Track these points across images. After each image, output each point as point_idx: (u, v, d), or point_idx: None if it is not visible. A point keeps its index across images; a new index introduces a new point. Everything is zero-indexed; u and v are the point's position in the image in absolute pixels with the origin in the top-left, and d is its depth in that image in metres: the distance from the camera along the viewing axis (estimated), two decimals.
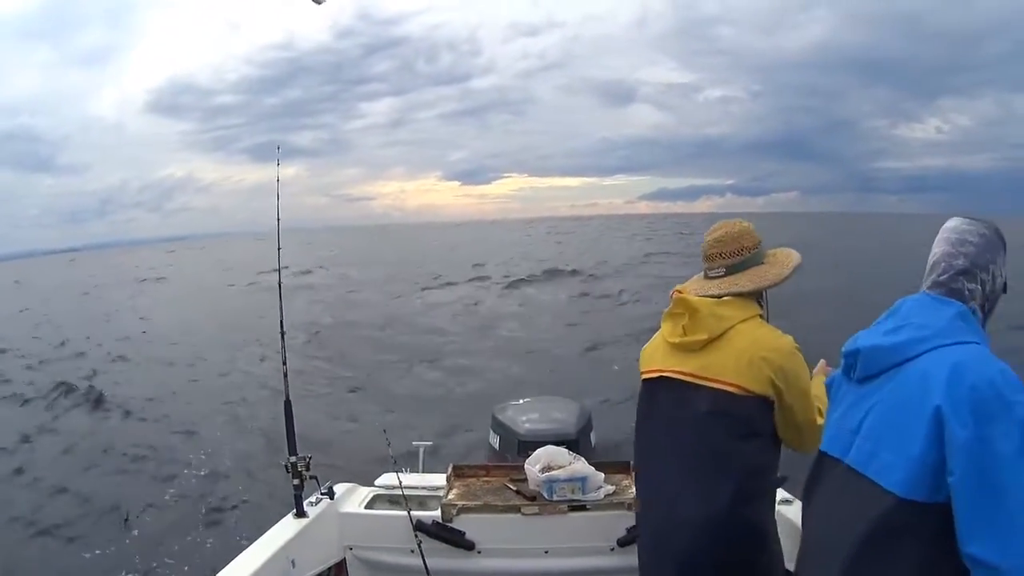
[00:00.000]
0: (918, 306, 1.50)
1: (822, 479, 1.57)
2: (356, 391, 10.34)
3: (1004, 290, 1.54)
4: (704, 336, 1.95)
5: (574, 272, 25.50)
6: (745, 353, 1.89)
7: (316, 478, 2.77)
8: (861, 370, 1.51)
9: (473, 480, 2.97)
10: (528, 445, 3.22)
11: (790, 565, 1.84)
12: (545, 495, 2.67)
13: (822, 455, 1.57)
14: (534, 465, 2.74)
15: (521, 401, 3.86)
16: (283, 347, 2.83)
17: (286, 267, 3.05)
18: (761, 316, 2.02)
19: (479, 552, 2.69)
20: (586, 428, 3.52)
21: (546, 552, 2.69)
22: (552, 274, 25.25)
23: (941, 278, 1.50)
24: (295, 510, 2.70)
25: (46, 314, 22.34)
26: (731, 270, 2.03)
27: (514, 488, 2.82)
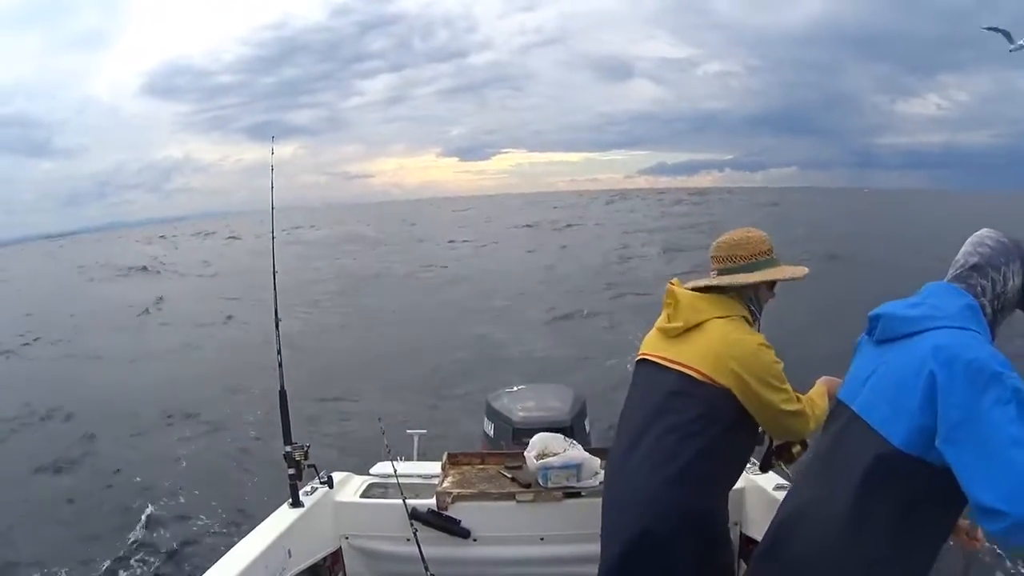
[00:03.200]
0: (937, 290, 1.72)
1: (832, 421, 1.82)
2: (352, 380, 10.32)
3: (1021, 303, 1.72)
4: (680, 324, 2.12)
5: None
6: (713, 344, 2.03)
7: (315, 467, 2.77)
8: (880, 333, 1.74)
9: (468, 468, 2.98)
10: (522, 432, 3.23)
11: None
12: (540, 482, 2.69)
13: (838, 402, 1.81)
14: (531, 452, 2.76)
15: (515, 388, 3.86)
16: (277, 336, 2.81)
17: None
18: (745, 318, 2.13)
19: (475, 540, 2.71)
20: (580, 414, 3.53)
21: (542, 539, 2.71)
22: None
23: (958, 272, 1.72)
24: (291, 500, 2.71)
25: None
26: (723, 273, 2.17)
27: (509, 475, 2.84)
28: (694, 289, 2.18)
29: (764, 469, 2.43)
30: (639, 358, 2.25)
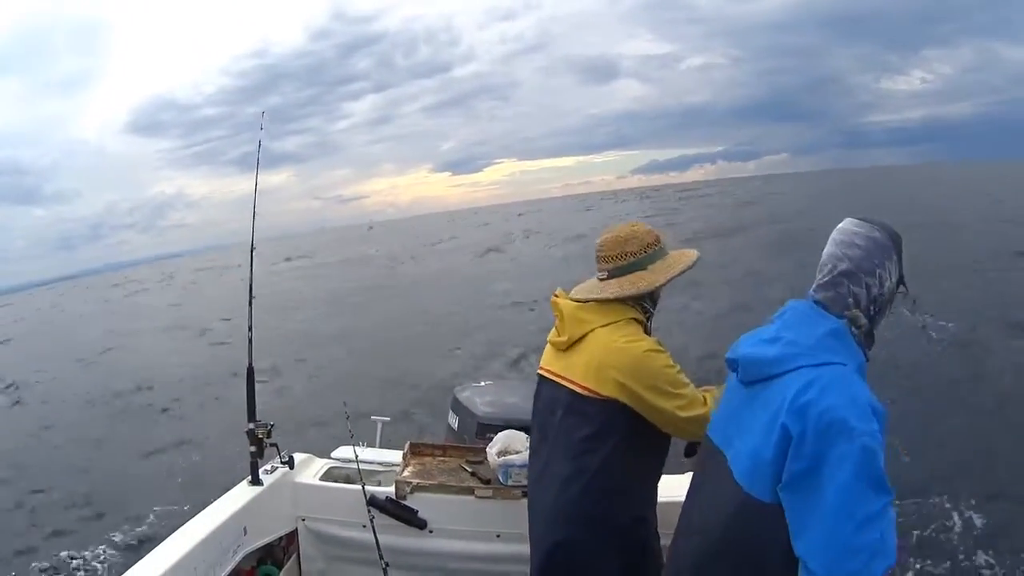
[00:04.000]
0: (796, 317, 1.58)
1: (705, 462, 1.71)
2: (321, 364, 10.29)
3: (904, 286, 1.60)
4: (565, 338, 2.10)
5: None
6: (595, 357, 2.00)
7: (276, 446, 2.77)
8: (742, 376, 1.62)
9: (429, 459, 2.99)
10: (486, 428, 3.24)
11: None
12: (500, 479, 2.71)
13: (707, 438, 1.71)
14: (492, 448, 2.78)
15: (483, 383, 3.87)
16: (250, 313, 2.81)
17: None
18: (636, 319, 2.07)
19: (431, 531, 2.73)
20: None
21: (498, 536, 2.73)
22: None
23: (824, 279, 1.57)
24: (250, 477, 2.71)
25: None
26: (612, 273, 2.10)
27: (470, 470, 2.86)
28: (587, 300, 2.12)
29: (688, 455, 2.44)
30: (538, 372, 2.25)
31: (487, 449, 2.79)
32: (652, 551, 2.05)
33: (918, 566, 4.20)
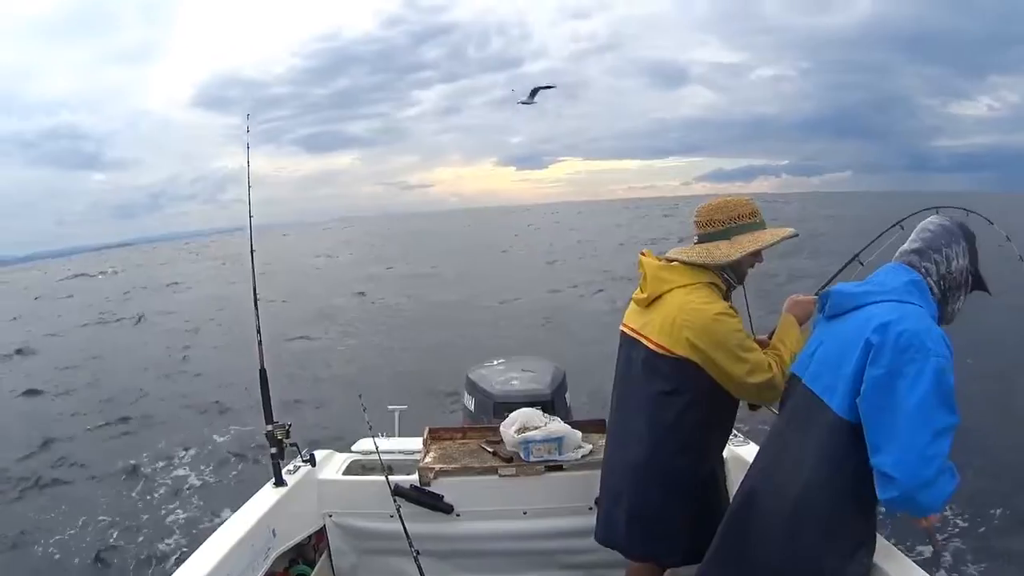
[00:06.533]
0: (884, 270, 1.83)
1: (786, 393, 1.91)
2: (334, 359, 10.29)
3: (976, 284, 1.79)
4: (645, 295, 2.18)
5: None
6: (670, 316, 2.08)
7: (296, 445, 2.77)
8: (829, 309, 1.84)
9: (449, 443, 2.99)
10: (503, 407, 3.24)
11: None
12: (522, 456, 2.71)
13: (791, 375, 1.90)
14: (509, 427, 2.77)
15: (496, 362, 3.87)
16: (256, 315, 2.79)
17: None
18: (715, 285, 2.12)
19: (458, 515, 2.73)
20: (561, 388, 3.55)
21: (524, 513, 2.74)
22: None
23: (900, 259, 1.82)
24: (274, 479, 2.71)
25: None
26: (701, 239, 2.17)
27: (491, 450, 2.85)
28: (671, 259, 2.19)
29: (753, 408, 2.39)
30: (620, 329, 2.31)
31: (501, 428, 2.79)
32: (720, 504, 2.13)
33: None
